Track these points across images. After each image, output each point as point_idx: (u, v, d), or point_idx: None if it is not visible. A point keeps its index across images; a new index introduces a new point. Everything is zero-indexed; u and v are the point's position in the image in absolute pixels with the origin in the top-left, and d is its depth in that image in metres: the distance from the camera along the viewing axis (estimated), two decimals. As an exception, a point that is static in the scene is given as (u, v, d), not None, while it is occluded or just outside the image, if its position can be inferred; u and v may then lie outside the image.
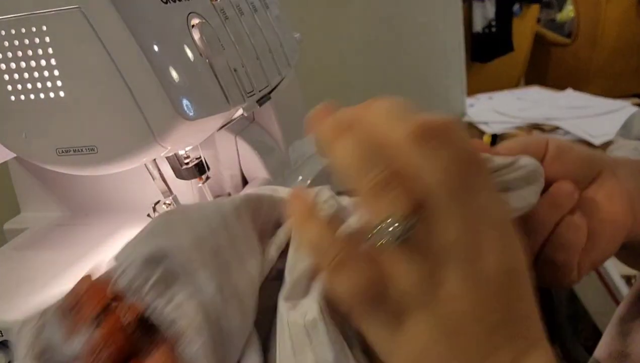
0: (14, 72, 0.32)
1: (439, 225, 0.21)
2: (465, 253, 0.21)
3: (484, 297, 0.21)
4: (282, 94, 0.45)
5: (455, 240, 0.21)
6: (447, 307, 0.21)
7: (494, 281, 0.21)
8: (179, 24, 0.33)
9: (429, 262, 0.21)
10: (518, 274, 0.22)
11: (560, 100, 1.78)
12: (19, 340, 0.24)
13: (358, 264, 0.21)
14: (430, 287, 0.21)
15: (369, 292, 0.21)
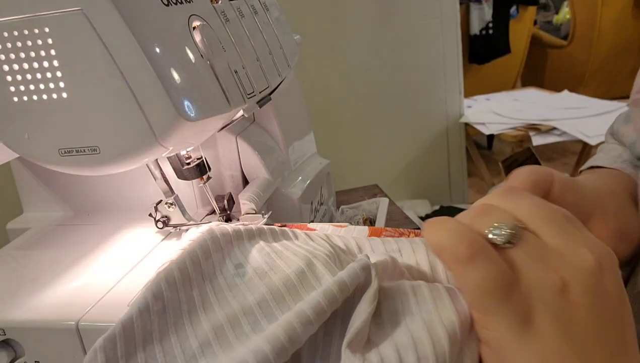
0: (17, 73, 0.32)
1: (544, 233, 0.25)
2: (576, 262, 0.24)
3: (604, 307, 0.23)
4: (282, 95, 0.45)
5: (560, 244, 0.24)
6: (570, 312, 0.23)
7: (612, 296, 0.24)
8: (180, 26, 0.33)
9: (544, 264, 0.24)
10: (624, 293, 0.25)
11: (556, 101, 1.79)
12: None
13: (492, 253, 0.24)
14: (551, 289, 0.23)
15: (501, 281, 0.23)
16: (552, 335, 0.23)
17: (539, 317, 0.23)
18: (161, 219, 0.43)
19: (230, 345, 0.25)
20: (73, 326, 0.33)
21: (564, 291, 0.23)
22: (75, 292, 0.36)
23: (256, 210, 0.42)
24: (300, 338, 0.24)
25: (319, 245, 0.31)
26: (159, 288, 0.27)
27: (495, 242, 0.24)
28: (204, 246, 0.30)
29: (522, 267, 0.24)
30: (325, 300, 0.25)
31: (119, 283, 0.37)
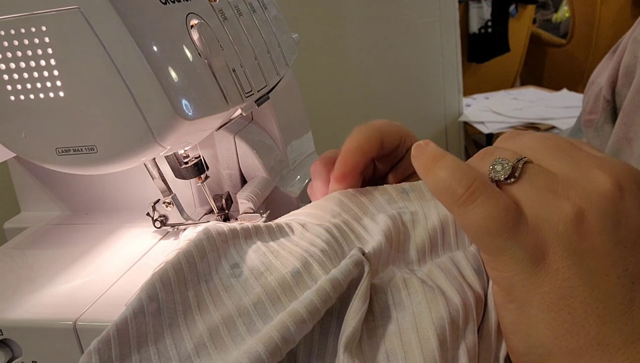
0: (14, 72, 0.32)
1: (550, 164, 0.23)
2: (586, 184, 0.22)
3: (627, 232, 0.22)
4: (280, 93, 0.45)
5: (569, 171, 0.23)
6: (586, 243, 0.22)
7: (637, 218, 0.22)
8: (178, 25, 0.33)
9: (553, 194, 0.22)
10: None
11: (555, 100, 1.79)
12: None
13: (493, 191, 0.23)
14: (563, 219, 0.22)
15: (504, 219, 0.22)
16: (567, 271, 0.22)
17: (551, 252, 0.22)
18: (159, 218, 0.42)
19: (226, 346, 0.25)
20: (70, 326, 0.33)
21: (578, 220, 0.22)
22: (72, 291, 0.36)
23: (254, 209, 0.42)
24: (294, 338, 0.24)
25: (316, 236, 0.30)
26: (153, 289, 0.27)
27: (498, 179, 0.23)
28: (200, 246, 0.29)
29: (528, 200, 0.23)
30: (319, 298, 0.24)
31: (117, 283, 0.37)
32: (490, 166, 0.24)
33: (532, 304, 0.22)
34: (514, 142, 0.25)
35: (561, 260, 0.22)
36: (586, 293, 0.22)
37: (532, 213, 0.23)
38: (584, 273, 0.22)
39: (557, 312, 0.22)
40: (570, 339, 0.22)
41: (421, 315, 0.25)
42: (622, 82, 0.40)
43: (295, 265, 0.28)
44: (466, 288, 0.26)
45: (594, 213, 0.22)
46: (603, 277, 0.22)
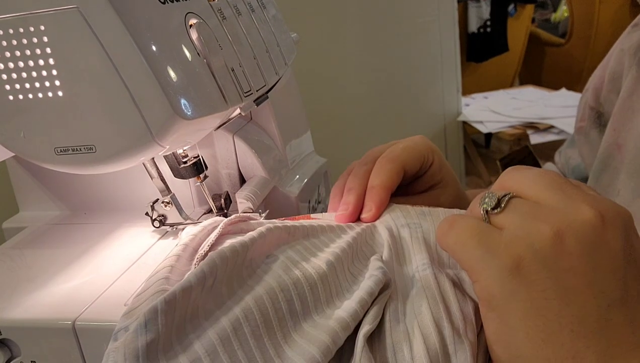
0: (12, 72, 0.32)
1: (541, 197, 0.25)
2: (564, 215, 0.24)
3: (603, 259, 0.23)
4: (279, 93, 0.45)
5: (557, 202, 0.25)
6: (563, 262, 0.23)
7: (615, 249, 0.24)
8: (176, 24, 0.33)
9: (534, 218, 0.25)
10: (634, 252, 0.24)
11: (554, 100, 1.79)
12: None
13: (468, 217, 0.27)
14: (540, 237, 0.24)
15: (475, 230, 0.25)
16: (542, 284, 0.23)
17: (527, 265, 0.24)
18: (158, 218, 0.42)
19: (269, 318, 0.27)
20: (69, 325, 0.33)
21: (556, 240, 0.24)
22: (71, 291, 0.36)
23: (253, 208, 0.42)
24: (341, 341, 0.26)
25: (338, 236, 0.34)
26: (214, 264, 0.28)
27: (487, 209, 0.26)
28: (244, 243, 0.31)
29: (511, 224, 0.25)
30: (360, 307, 0.27)
31: (116, 283, 0.36)
32: (481, 199, 0.27)
33: (511, 312, 0.24)
34: (513, 176, 0.27)
35: (537, 273, 0.23)
36: (561, 307, 0.23)
37: (510, 232, 0.25)
38: (560, 288, 0.23)
39: (533, 321, 0.23)
40: (546, 349, 0.23)
41: (423, 314, 0.27)
42: (608, 88, 0.41)
43: (327, 257, 0.31)
44: (467, 298, 0.28)
45: (572, 237, 0.24)
46: (579, 295, 0.23)
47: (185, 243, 0.34)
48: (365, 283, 0.29)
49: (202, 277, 0.27)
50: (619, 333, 0.23)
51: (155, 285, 0.30)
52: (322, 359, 0.25)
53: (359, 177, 0.37)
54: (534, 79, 2.56)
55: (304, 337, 0.27)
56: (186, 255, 0.33)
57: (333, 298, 0.30)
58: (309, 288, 0.29)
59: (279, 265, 0.31)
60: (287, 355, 0.26)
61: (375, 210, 0.36)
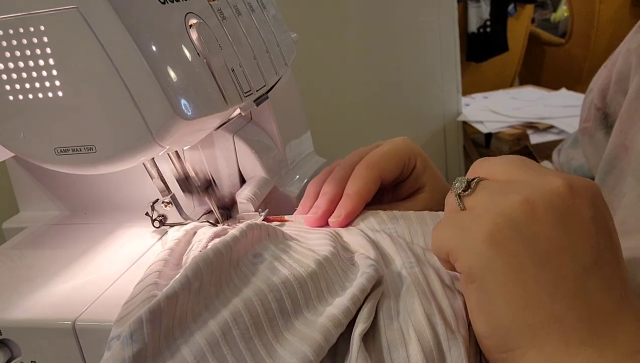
0: (12, 72, 0.32)
1: (513, 175, 0.27)
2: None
3: (574, 225, 0.24)
4: (279, 93, 0.45)
5: (527, 177, 0.26)
6: (535, 226, 0.24)
7: (585, 218, 0.25)
8: (176, 24, 0.33)
9: (504, 193, 0.26)
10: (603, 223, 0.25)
11: (554, 100, 1.79)
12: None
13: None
14: (511, 205, 0.25)
15: (447, 208, 0.28)
16: (516, 248, 0.24)
17: (499, 231, 0.24)
18: (158, 218, 0.42)
19: (259, 319, 0.27)
20: (69, 326, 0.33)
21: (527, 208, 0.24)
22: (71, 291, 0.36)
23: (254, 209, 0.42)
24: (333, 339, 0.27)
25: (320, 239, 0.34)
26: (197, 268, 0.28)
27: (458, 192, 0.27)
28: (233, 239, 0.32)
29: (481, 201, 0.26)
30: (352, 304, 0.28)
31: (116, 283, 0.36)
32: (452, 185, 0.28)
33: (489, 280, 0.24)
34: (483, 164, 0.29)
35: (510, 239, 0.24)
36: (537, 271, 0.24)
37: (481, 206, 0.26)
38: (534, 253, 0.24)
39: (511, 287, 0.24)
40: (526, 314, 0.23)
41: (415, 312, 0.27)
42: (614, 89, 0.41)
43: (314, 256, 0.31)
44: (456, 294, 0.29)
45: (542, 204, 0.24)
46: (553, 259, 0.24)
47: (171, 247, 0.34)
48: (357, 280, 0.29)
49: (186, 282, 0.28)
50: (596, 297, 0.23)
51: (145, 292, 0.30)
52: (314, 357, 0.25)
53: (335, 182, 0.38)
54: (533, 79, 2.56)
55: (296, 335, 0.27)
56: (173, 259, 0.33)
57: (325, 294, 0.30)
58: (299, 286, 0.29)
59: (266, 265, 0.31)
60: (279, 354, 0.26)
61: (343, 217, 0.36)
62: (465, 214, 0.27)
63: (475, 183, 0.27)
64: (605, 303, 0.24)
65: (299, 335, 0.27)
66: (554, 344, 0.23)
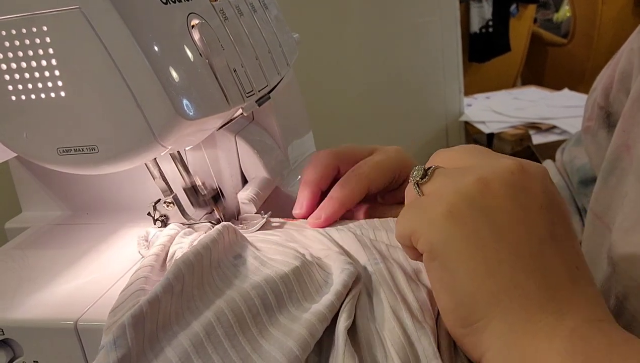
0: (15, 72, 0.32)
1: (469, 162, 0.28)
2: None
3: (528, 200, 0.26)
4: (281, 93, 0.45)
5: (481, 161, 0.28)
6: (490, 201, 0.25)
7: (537, 194, 0.26)
8: (178, 25, 0.33)
9: (459, 174, 0.27)
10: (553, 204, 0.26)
11: (556, 100, 1.79)
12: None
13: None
14: (465, 183, 0.26)
15: (408, 206, 0.28)
16: (473, 223, 0.25)
17: (458, 208, 0.25)
18: (160, 218, 0.42)
19: (243, 316, 0.27)
20: (72, 325, 0.33)
21: (481, 184, 0.26)
22: (73, 291, 0.36)
23: (255, 209, 0.42)
24: (319, 334, 0.27)
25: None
26: (179, 271, 0.29)
27: (416, 181, 0.29)
28: (211, 241, 0.32)
29: (438, 185, 0.28)
30: (336, 299, 0.28)
31: (118, 283, 0.37)
32: (410, 174, 0.29)
33: (451, 255, 0.25)
34: (439, 154, 0.30)
35: (468, 214, 0.25)
36: (496, 243, 0.25)
37: (438, 189, 0.27)
38: (492, 226, 0.25)
39: (472, 259, 0.25)
40: (488, 282, 0.24)
41: (383, 308, 0.28)
42: (617, 88, 0.41)
43: (295, 254, 0.32)
44: (420, 286, 0.30)
45: (496, 181, 0.26)
46: (510, 231, 0.25)
47: (156, 253, 0.34)
48: (338, 277, 0.30)
49: (168, 286, 0.28)
50: (553, 266, 0.25)
51: (131, 298, 0.30)
52: (300, 353, 0.25)
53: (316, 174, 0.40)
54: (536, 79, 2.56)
55: (281, 330, 0.27)
56: (158, 265, 0.34)
57: (310, 289, 0.30)
58: (282, 282, 0.29)
59: (247, 266, 0.32)
60: (265, 349, 0.26)
61: (323, 220, 0.38)
62: (424, 198, 0.28)
63: (432, 171, 0.29)
64: (562, 272, 0.25)
65: (284, 330, 0.27)
66: (515, 312, 0.24)
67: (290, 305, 0.29)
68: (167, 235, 0.38)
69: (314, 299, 0.29)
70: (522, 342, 0.23)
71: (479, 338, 0.25)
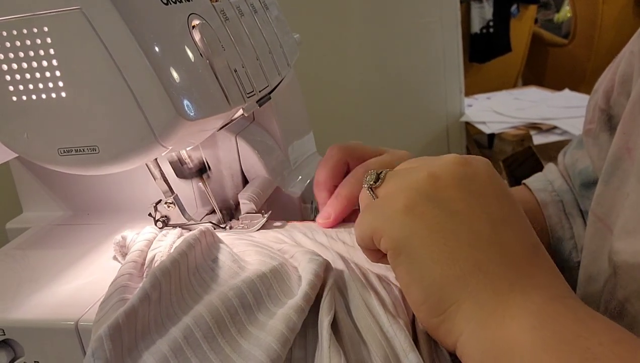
0: (16, 73, 0.32)
1: (415, 162, 0.31)
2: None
3: (476, 187, 0.28)
4: (281, 94, 0.45)
5: (429, 161, 0.30)
6: (443, 193, 0.27)
7: (484, 182, 0.28)
8: (179, 25, 0.33)
9: (409, 173, 0.30)
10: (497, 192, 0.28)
11: (557, 100, 1.79)
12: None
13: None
14: (416, 179, 0.28)
15: (364, 209, 0.30)
16: (431, 212, 0.27)
17: (414, 202, 0.27)
18: (161, 219, 0.43)
19: (223, 320, 0.27)
20: (72, 326, 0.33)
21: (432, 178, 0.28)
22: (74, 291, 0.36)
23: (256, 209, 0.42)
24: (297, 326, 0.27)
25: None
26: (155, 279, 0.29)
27: (370, 185, 0.30)
28: (187, 246, 0.33)
29: (391, 186, 0.29)
30: (310, 289, 0.29)
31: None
32: (364, 179, 0.31)
33: (415, 246, 0.26)
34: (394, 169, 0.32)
35: (425, 206, 0.27)
36: (454, 228, 0.26)
37: (392, 189, 0.29)
38: (448, 214, 0.26)
39: (435, 247, 0.26)
40: (453, 267, 0.25)
41: (359, 305, 0.29)
42: (618, 91, 0.41)
43: (269, 254, 0.33)
44: (392, 286, 0.31)
45: (445, 174, 0.28)
46: (466, 216, 0.26)
47: (134, 260, 0.34)
48: (308, 266, 0.30)
49: (144, 295, 0.28)
50: (509, 247, 0.26)
51: (112, 310, 0.30)
52: (279, 347, 0.25)
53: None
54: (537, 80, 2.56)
55: (260, 328, 0.27)
56: (136, 272, 0.34)
57: (288, 284, 0.30)
58: (260, 281, 0.30)
59: (226, 270, 0.32)
60: (244, 348, 0.26)
61: (332, 219, 0.38)
62: (380, 200, 0.29)
63: (384, 175, 0.30)
64: (520, 250, 0.26)
65: (263, 327, 0.27)
66: (483, 293, 0.25)
67: (269, 302, 0.29)
68: (145, 239, 0.38)
69: (293, 294, 0.30)
70: (493, 321, 0.24)
71: (452, 324, 0.25)
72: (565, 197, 0.47)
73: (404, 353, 0.26)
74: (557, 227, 0.46)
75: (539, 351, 0.22)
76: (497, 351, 0.23)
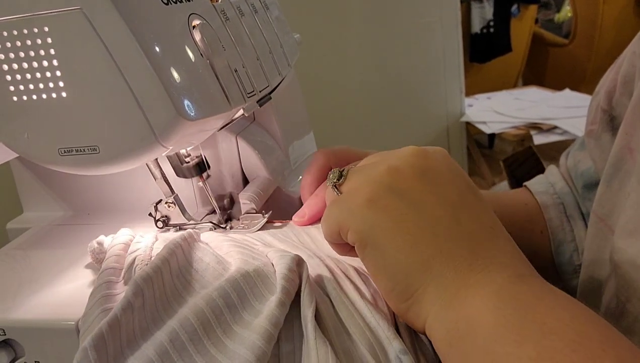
0: (16, 73, 0.32)
1: (374, 159, 0.32)
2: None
3: (434, 175, 0.29)
4: (282, 94, 0.45)
5: (389, 156, 0.31)
6: (403, 184, 0.29)
7: (442, 169, 0.30)
8: (179, 25, 0.33)
9: (369, 168, 0.31)
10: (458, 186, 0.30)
11: (558, 100, 1.79)
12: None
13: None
14: (377, 172, 0.30)
15: (329, 206, 0.31)
16: (392, 203, 0.28)
17: (376, 195, 0.28)
18: (161, 219, 0.43)
19: (209, 323, 0.28)
20: (73, 326, 0.33)
21: (391, 171, 0.29)
22: (75, 292, 0.36)
23: (256, 209, 0.42)
24: (280, 321, 0.27)
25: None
26: (137, 286, 0.29)
27: (333, 183, 0.32)
28: (169, 251, 0.33)
29: (354, 182, 0.30)
30: (287, 283, 0.29)
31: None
32: (327, 177, 0.32)
33: (379, 238, 0.27)
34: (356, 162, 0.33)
35: (387, 198, 0.28)
36: (416, 217, 0.27)
37: (355, 184, 0.30)
38: (409, 204, 0.28)
39: (398, 235, 0.27)
40: (416, 252, 0.27)
41: (340, 299, 0.30)
42: (620, 91, 0.41)
43: (250, 254, 0.34)
44: (369, 278, 0.31)
45: (404, 166, 0.29)
46: (426, 205, 0.28)
47: (112, 267, 0.34)
48: (280, 261, 0.30)
49: (127, 304, 0.28)
50: (470, 230, 0.27)
51: (97, 321, 0.30)
52: (263, 344, 0.26)
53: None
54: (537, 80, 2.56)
55: (244, 326, 0.27)
56: (115, 279, 0.34)
57: (272, 280, 0.31)
58: (244, 280, 0.30)
59: (210, 272, 0.32)
60: (230, 348, 0.26)
61: (307, 219, 0.38)
62: (343, 196, 0.30)
63: (347, 172, 0.32)
64: (479, 231, 0.27)
65: (248, 326, 0.27)
66: (446, 274, 0.26)
67: (254, 300, 0.29)
68: (121, 243, 0.38)
69: (276, 292, 0.30)
70: (456, 302, 0.25)
71: (419, 308, 0.26)
72: (567, 200, 0.47)
73: (388, 341, 0.26)
74: (558, 230, 0.46)
75: (499, 328, 0.23)
76: (461, 330, 0.24)
